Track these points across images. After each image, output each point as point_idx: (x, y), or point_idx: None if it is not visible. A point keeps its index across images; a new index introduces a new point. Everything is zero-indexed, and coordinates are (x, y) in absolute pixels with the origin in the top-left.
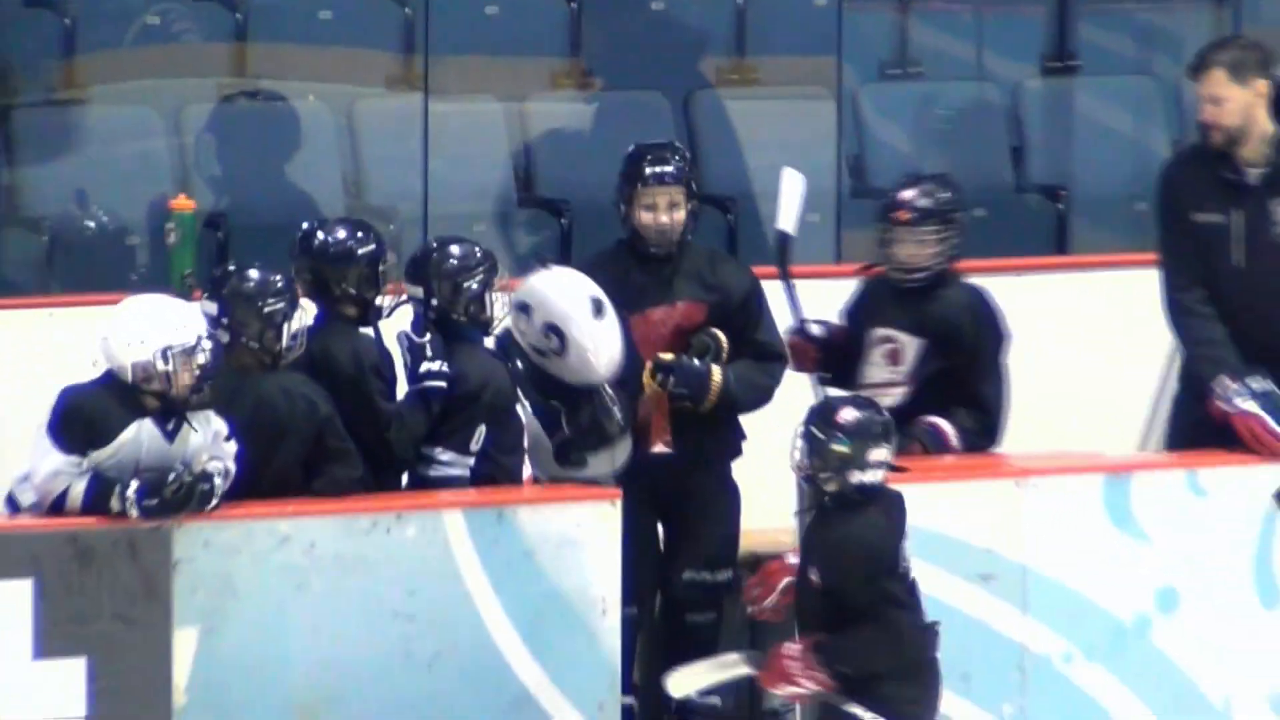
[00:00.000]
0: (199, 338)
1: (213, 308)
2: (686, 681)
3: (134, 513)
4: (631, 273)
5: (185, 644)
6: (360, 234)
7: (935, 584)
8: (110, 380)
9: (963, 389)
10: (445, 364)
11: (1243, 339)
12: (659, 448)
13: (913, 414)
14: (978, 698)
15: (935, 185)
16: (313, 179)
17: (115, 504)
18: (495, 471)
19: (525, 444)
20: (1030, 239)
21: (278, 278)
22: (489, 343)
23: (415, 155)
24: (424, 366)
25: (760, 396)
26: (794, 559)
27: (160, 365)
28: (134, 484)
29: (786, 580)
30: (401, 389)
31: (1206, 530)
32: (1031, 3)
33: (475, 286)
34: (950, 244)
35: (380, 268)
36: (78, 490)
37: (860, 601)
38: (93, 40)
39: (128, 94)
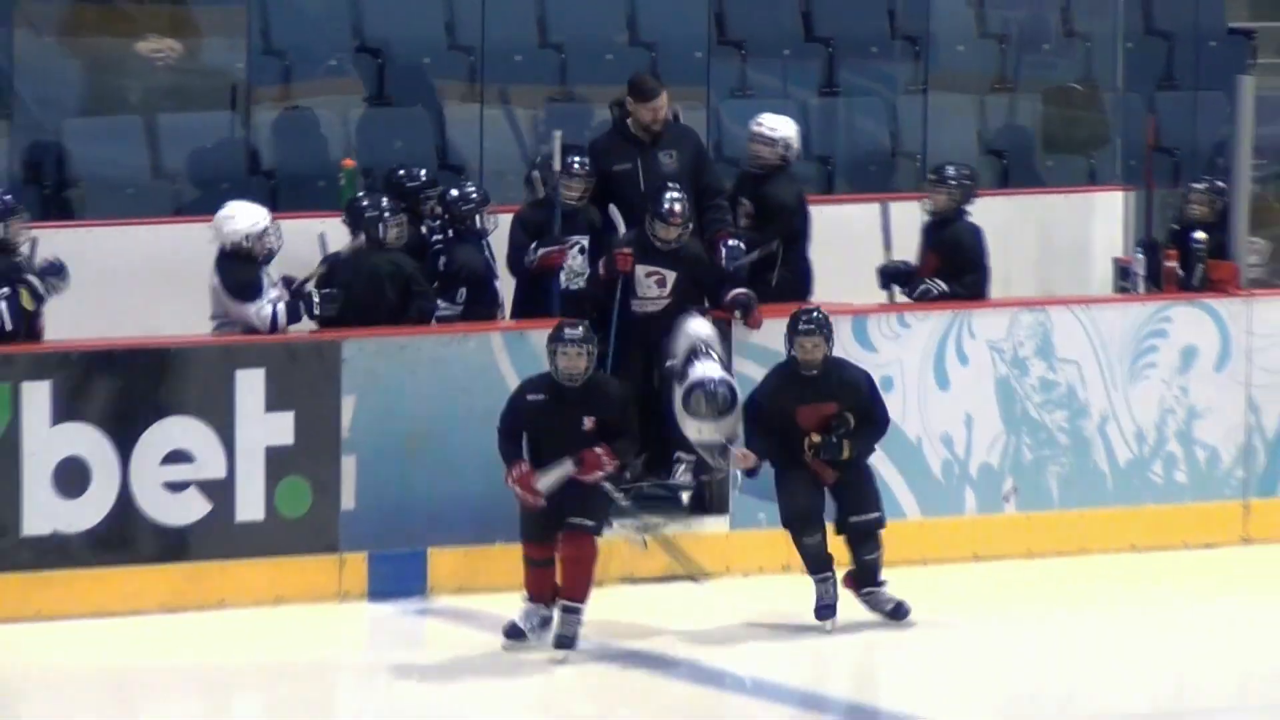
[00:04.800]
0: None
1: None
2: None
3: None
4: None
5: (348, 405)
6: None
7: None
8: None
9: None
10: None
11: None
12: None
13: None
14: None
15: (684, 193)
16: (414, 157)
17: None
18: (472, 317)
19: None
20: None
21: (384, 201)
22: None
23: (476, 137)
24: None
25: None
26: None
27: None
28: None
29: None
30: None
31: (906, 346)
32: (811, 57)
33: (472, 208)
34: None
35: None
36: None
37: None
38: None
39: (330, 104)
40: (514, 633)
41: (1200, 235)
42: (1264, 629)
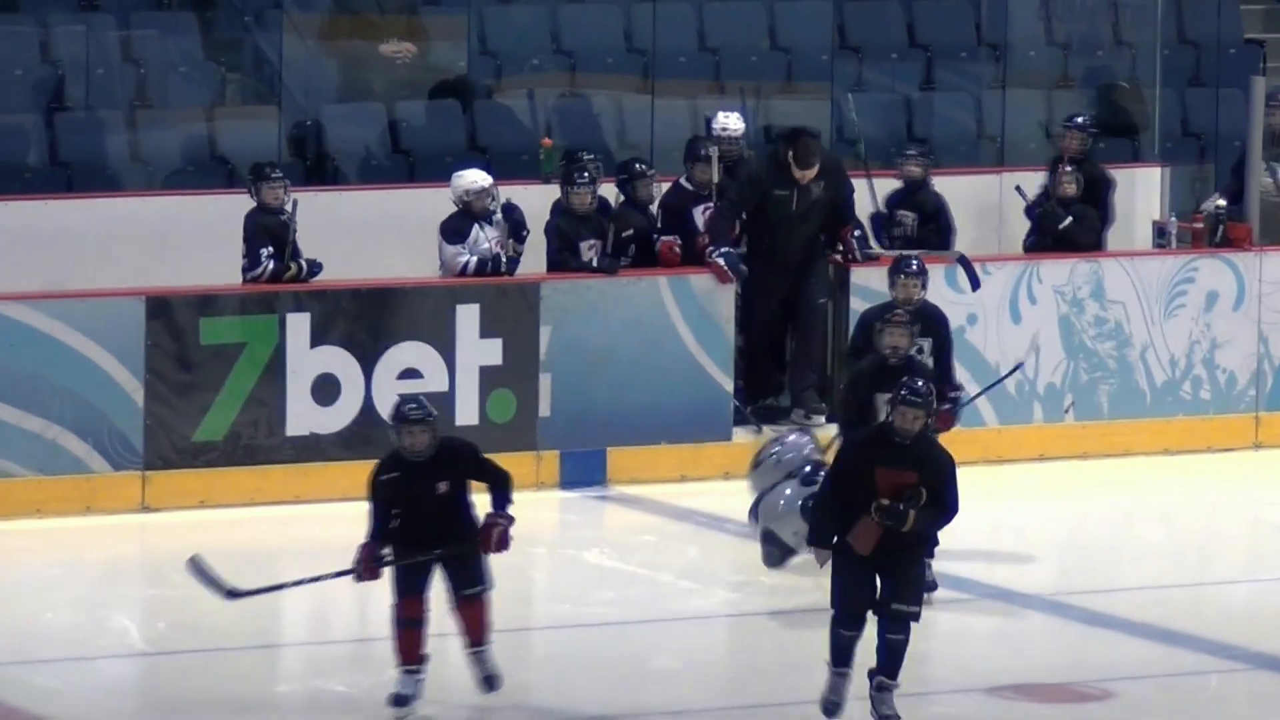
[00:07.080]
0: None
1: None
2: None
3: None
4: None
5: (545, 333)
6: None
7: None
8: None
9: None
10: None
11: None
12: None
13: None
14: None
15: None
16: (600, 139)
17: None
18: (641, 265)
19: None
20: None
21: (583, 175)
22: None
23: (648, 123)
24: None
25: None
26: None
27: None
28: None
29: None
30: None
31: (987, 289)
32: (914, 60)
33: (643, 178)
34: None
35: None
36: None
37: None
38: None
39: (531, 95)
40: (400, 701)
41: (1220, 202)
42: (1271, 516)
